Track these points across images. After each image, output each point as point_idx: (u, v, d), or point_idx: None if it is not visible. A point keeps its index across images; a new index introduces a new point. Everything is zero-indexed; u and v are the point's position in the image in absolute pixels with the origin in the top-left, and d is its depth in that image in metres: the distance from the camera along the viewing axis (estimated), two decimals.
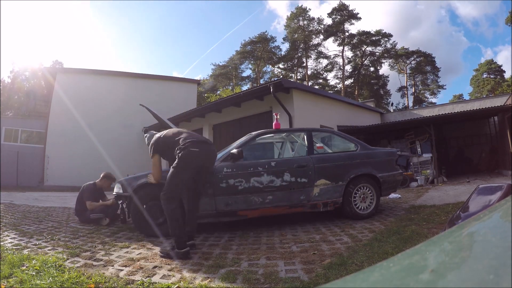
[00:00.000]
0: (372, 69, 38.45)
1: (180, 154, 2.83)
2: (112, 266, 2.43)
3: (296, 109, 8.04)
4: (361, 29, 36.43)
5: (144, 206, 3.51)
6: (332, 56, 38.22)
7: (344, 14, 36.74)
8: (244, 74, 40.86)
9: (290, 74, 40.03)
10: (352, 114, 11.17)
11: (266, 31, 41.24)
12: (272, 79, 22.52)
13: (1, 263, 2.33)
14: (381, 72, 38.87)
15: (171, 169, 2.84)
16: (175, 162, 2.85)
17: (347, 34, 36.87)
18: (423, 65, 36.12)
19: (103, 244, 3.10)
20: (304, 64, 39.38)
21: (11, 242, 3.14)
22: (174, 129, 3.19)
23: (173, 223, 2.72)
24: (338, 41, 37.30)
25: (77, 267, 2.40)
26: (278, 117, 4.96)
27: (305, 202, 3.75)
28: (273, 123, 4.83)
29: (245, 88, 35.43)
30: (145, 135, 3.39)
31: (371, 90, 37.96)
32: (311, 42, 38.59)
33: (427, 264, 0.48)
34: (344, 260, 2.34)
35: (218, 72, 38.27)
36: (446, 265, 0.46)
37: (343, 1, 36.41)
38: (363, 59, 37.56)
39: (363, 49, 36.92)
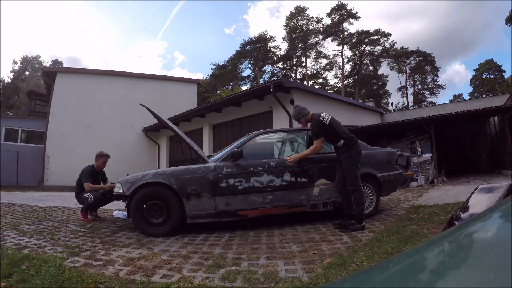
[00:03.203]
0: (371, 68, 38.47)
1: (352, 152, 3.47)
2: (112, 265, 2.43)
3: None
4: (360, 28, 36.49)
5: (144, 206, 3.52)
6: (332, 56, 38.28)
7: (343, 13, 36.73)
8: (244, 74, 40.91)
9: (290, 74, 40.04)
10: (352, 114, 11.16)
11: (266, 31, 41.22)
12: (272, 79, 22.53)
13: (1, 263, 2.33)
14: (380, 71, 38.93)
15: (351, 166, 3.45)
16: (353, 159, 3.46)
17: (346, 33, 36.87)
18: (422, 65, 36.12)
19: (103, 244, 3.10)
20: (304, 64, 39.39)
21: (11, 242, 3.14)
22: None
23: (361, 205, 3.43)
24: (337, 41, 37.32)
25: (77, 266, 2.40)
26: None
27: (305, 202, 3.75)
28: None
29: (245, 88, 35.45)
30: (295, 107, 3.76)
31: (370, 89, 37.97)
32: (310, 42, 38.60)
33: (427, 264, 0.48)
34: (344, 260, 2.33)
35: (218, 72, 38.27)
36: (446, 265, 0.46)
37: (341, 1, 36.42)
38: (363, 58, 37.55)
39: (362, 48, 36.91)
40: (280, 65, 40.71)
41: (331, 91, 31.60)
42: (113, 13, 66.75)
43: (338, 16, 36.85)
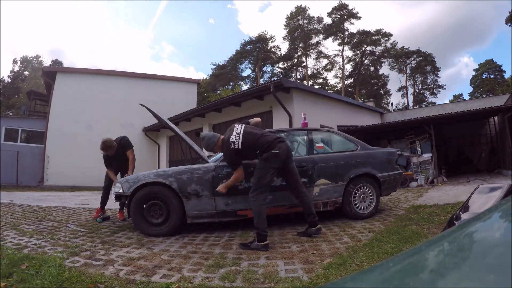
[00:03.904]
0: (372, 68, 38.45)
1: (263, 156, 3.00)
2: (112, 265, 2.43)
3: (296, 109, 8.04)
4: (361, 28, 36.48)
5: (144, 206, 3.52)
6: (332, 56, 38.28)
7: (343, 13, 36.72)
8: (244, 74, 40.92)
9: (290, 74, 40.04)
10: (352, 114, 11.17)
11: (266, 31, 41.21)
12: (272, 79, 22.56)
13: (1, 262, 2.33)
14: (381, 71, 38.91)
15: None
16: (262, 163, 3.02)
17: (347, 33, 36.87)
18: (423, 65, 36.11)
19: (103, 244, 3.10)
20: (304, 64, 39.39)
21: (11, 242, 3.14)
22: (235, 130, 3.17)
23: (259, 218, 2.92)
24: (338, 41, 37.32)
25: (77, 266, 2.40)
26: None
27: None
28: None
29: (245, 87, 35.46)
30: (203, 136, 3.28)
31: (371, 89, 37.97)
32: (311, 41, 38.60)
33: (427, 264, 0.48)
34: (344, 260, 2.33)
35: (218, 72, 38.27)
36: (446, 265, 0.46)
37: (343, 1, 36.42)
38: (363, 58, 37.55)
39: (363, 48, 36.91)
40: (280, 65, 40.73)
41: (331, 91, 31.61)
42: (98, 3, 65.30)
43: (339, 16, 36.85)
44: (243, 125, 3.21)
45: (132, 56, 66.79)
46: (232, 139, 3.05)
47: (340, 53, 37.48)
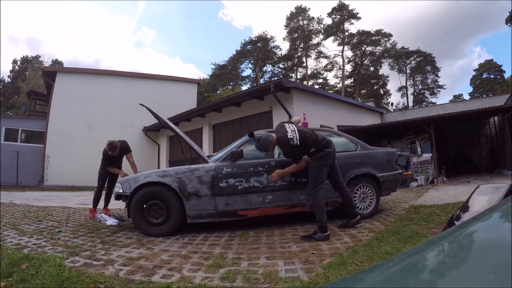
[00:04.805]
0: (372, 68, 38.45)
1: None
2: (112, 265, 2.43)
3: (296, 109, 8.04)
4: (361, 28, 36.48)
5: (144, 205, 3.52)
6: (332, 56, 38.28)
7: (343, 13, 36.72)
8: (244, 74, 40.92)
9: (290, 74, 40.05)
10: (352, 114, 11.16)
11: (266, 31, 41.20)
12: (272, 79, 22.56)
13: (1, 262, 2.33)
14: (381, 71, 38.90)
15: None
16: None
17: (347, 33, 36.87)
18: (423, 65, 36.11)
19: (103, 244, 3.10)
20: (304, 64, 39.39)
21: (11, 242, 3.15)
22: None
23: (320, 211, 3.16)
24: (338, 41, 37.32)
25: (77, 266, 2.40)
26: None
27: (305, 201, 3.75)
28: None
29: (245, 87, 35.46)
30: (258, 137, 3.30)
31: (371, 89, 37.97)
32: (311, 42, 38.60)
33: (427, 264, 0.48)
34: (344, 260, 2.33)
35: (218, 72, 38.28)
36: (446, 265, 0.46)
37: (342, 1, 36.42)
38: (363, 58, 37.55)
39: (363, 48, 36.91)
40: (280, 65, 40.73)
41: (331, 91, 31.62)
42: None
43: (339, 16, 36.85)
44: (293, 124, 3.44)
45: (114, 43, 65.21)
46: (290, 136, 3.22)
47: (340, 53, 37.50)
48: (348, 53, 37.86)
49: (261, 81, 37.20)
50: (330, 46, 64.71)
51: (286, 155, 3.37)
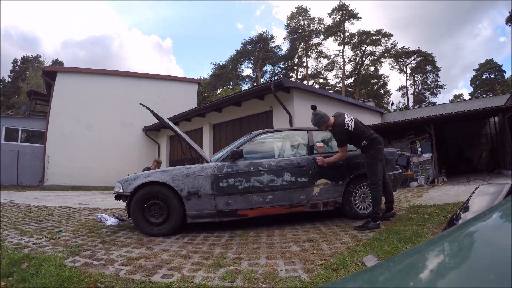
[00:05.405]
0: (372, 68, 38.46)
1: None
2: (112, 265, 2.43)
3: (296, 109, 8.04)
4: (361, 28, 36.47)
5: (144, 205, 3.52)
6: (332, 56, 38.27)
7: (344, 13, 36.71)
8: (244, 74, 40.91)
9: (291, 74, 40.03)
10: (352, 114, 11.04)
11: (266, 31, 41.19)
12: (273, 79, 22.56)
13: (1, 262, 2.33)
14: (381, 71, 38.93)
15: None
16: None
17: (347, 33, 36.87)
18: (423, 65, 36.09)
19: (103, 243, 3.10)
20: (305, 64, 39.38)
21: (11, 241, 3.15)
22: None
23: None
24: (338, 41, 37.31)
25: (77, 266, 2.40)
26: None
27: (305, 201, 3.75)
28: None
29: (245, 87, 35.45)
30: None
31: (371, 89, 37.95)
32: (311, 42, 38.59)
33: (427, 264, 0.48)
34: (344, 260, 2.33)
35: (219, 72, 38.27)
36: (446, 265, 0.46)
37: (343, 1, 36.41)
38: (363, 58, 37.54)
39: (363, 48, 36.90)
40: (281, 65, 40.72)
41: (332, 91, 31.59)
42: None
43: (339, 16, 36.84)
44: (350, 115, 3.78)
45: (114, 43, 64.54)
46: (346, 121, 3.59)
47: (341, 53, 37.51)
48: (348, 53, 37.92)
49: (261, 81, 37.19)
50: (331, 46, 64.84)
51: (335, 137, 3.69)
